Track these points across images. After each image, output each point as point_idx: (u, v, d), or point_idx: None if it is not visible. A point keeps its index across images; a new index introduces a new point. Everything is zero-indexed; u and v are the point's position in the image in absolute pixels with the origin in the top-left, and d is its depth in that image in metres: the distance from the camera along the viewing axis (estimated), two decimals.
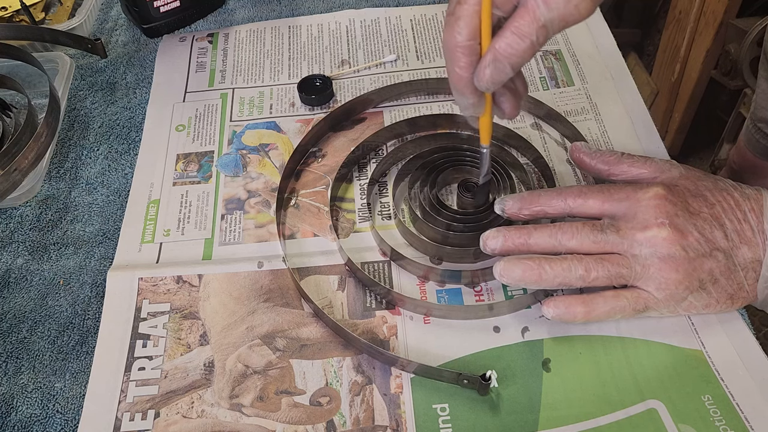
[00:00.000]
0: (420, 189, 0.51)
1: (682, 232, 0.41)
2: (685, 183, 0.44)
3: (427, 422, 0.41)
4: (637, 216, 0.42)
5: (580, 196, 0.44)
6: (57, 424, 0.43)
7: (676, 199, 0.43)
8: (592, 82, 0.62)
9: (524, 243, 0.44)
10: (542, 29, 0.36)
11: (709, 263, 0.41)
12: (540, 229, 0.44)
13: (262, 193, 0.55)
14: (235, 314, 0.47)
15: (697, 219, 0.42)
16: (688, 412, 0.40)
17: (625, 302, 0.42)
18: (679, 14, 1.32)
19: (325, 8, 0.73)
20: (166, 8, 0.69)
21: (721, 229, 0.42)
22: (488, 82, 0.39)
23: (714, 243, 0.42)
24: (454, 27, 0.38)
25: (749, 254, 0.42)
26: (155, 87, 0.65)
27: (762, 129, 0.76)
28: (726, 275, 0.42)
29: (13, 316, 0.49)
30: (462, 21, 0.38)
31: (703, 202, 0.43)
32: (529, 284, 0.43)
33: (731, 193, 0.43)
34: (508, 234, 0.44)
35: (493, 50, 0.37)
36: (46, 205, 0.56)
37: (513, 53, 0.37)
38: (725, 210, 0.43)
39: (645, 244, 0.41)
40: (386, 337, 0.45)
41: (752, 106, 0.77)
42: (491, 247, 0.45)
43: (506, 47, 0.37)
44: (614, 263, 0.42)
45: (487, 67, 0.38)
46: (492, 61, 0.38)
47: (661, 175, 0.45)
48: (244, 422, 0.42)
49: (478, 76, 0.39)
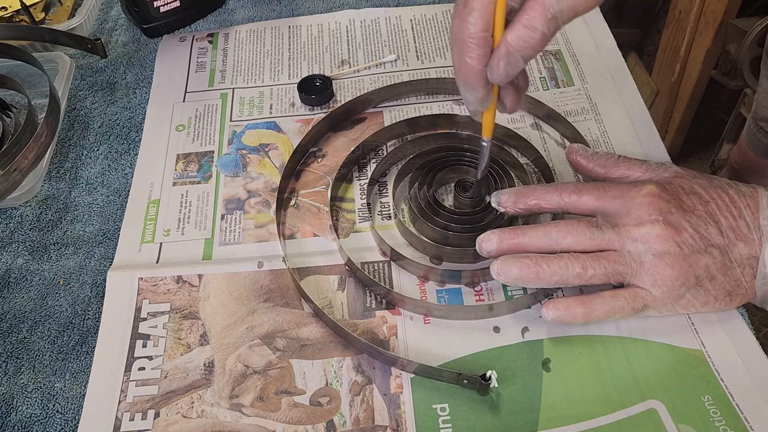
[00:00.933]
0: (418, 189, 0.51)
1: (675, 229, 0.42)
2: (679, 181, 0.44)
3: (427, 422, 0.41)
4: (630, 213, 0.43)
5: (575, 192, 0.45)
6: (57, 424, 0.43)
7: (670, 197, 0.43)
8: (592, 82, 0.62)
9: (519, 243, 0.44)
10: (552, 20, 0.36)
11: (704, 259, 0.42)
12: (534, 228, 0.44)
13: (262, 193, 0.55)
14: (235, 314, 0.47)
15: (691, 216, 0.42)
16: (688, 412, 0.40)
17: (624, 302, 0.42)
18: (679, 14, 1.32)
19: (325, 8, 0.73)
20: (166, 8, 0.69)
21: (716, 225, 0.42)
22: (502, 75, 0.39)
23: (709, 239, 0.42)
24: (467, 17, 0.38)
25: (746, 250, 0.42)
26: (155, 87, 0.65)
27: (764, 128, 0.76)
28: (723, 272, 0.42)
29: (13, 316, 0.49)
30: (476, 12, 0.37)
31: (698, 199, 0.43)
32: (527, 283, 0.43)
33: (726, 190, 0.43)
34: (502, 235, 0.44)
35: (506, 43, 0.37)
36: (46, 205, 0.56)
37: (525, 46, 0.37)
38: (720, 207, 0.43)
39: (639, 240, 0.42)
40: (386, 337, 0.45)
41: (754, 105, 0.77)
42: (487, 250, 0.45)
43: (518, 40, 0.37)
44: (611, 260, 0.42)
45: (501, 60, 0.38)
46: (506, 55, 0.38)
47: (656, 176, 0.46)
48: (244, 422, 0.42)
49: (491, 69, 0.39)
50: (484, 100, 0.42)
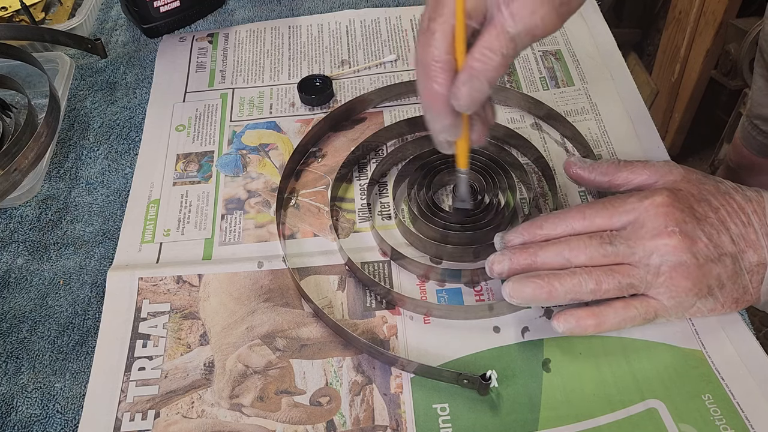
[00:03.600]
0: (418, 191, 0.51)
1: (691, 239, 0.41)
2: (688, 187, 0.44)
3: (427, 422, 0.41)
4: (645, 225, 0.42)
5: (585, 218, 0.43)
6: (57, 424, 0.43)
7: (683, 205, 0.42)
8: (592, 82, 0.62)
9: (531, 263, 0.42)
10: (511, 42, 0.37)
11: (717, 268, 0.41)
12: (546, 247, 0.43)
13: (262, 193, 0.55)
14: (235, 314, 0.47)
15: (704, 224, 0.42)
16: (688, 411, 0.40)
17: (636, 312, 0.42)
18: (679, 14, 1.32)
19: (325, 8, 0.73)
20: (166, 8, 0.69)
21: (728, 233, 0.42)
22: (466, 99, 0.38)
23: (722, 248, 0.41)
24: (430, 41, 0.38)
25: (754, 257, 0.42)
26: (155, 87, 0.65)
27: (758, 126, 0.76)
28: (732, 279, 0.42)
29: (13, 316, 0.49)
30: (439, 34, 0.38)
31: (708, 206, 0.43)
32: (540, 302, 0.42)
33: (733, 196, 0.43)
34: (513, 257, 0.43)
35: (468, 66, 0.37)
36: (46, 205, 0.56)
37: (487, 68, 0.37)
38: (729, 214, 0.42)
39: (655, 252, 0.41)
40: (386, 337, 0.45)
41: (748, 103, 0.77)
42: (498, 272, 0.43)
43: (479, 64, 0.37)
44: (624, 274, 0.41)
45: (464, 85, 0.38)
46: (469, 79, 0.38)
47: (661, 179, 0.45)
48: (244, 422, 0.42)
49: (455, 94, 0.38)
50: (453, 127, 0.41)
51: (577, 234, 0.43)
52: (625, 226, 0.42)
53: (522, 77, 0.63)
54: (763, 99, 0.75)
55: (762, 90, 0.75)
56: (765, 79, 0.75)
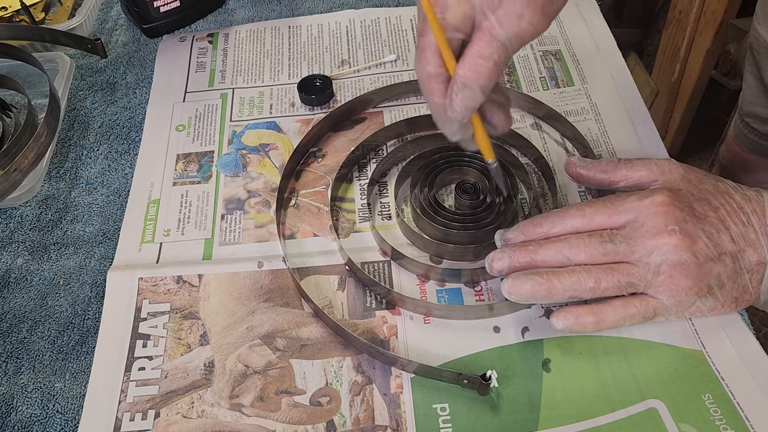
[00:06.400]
0: (420, 190, 0.51)
1: (691, 238, 0.41)
2: (687, 187, 0.44)
3: (427, 422, 0.41)
4: (646, 224, 0.42)
5: (585, 216, 0.43)
6: (57, 424, 0.43)
7: (683, 204, 0.42)
8: (592, 82, 0.62)
9: (531, 261, 0.43)
10: (502, 48, 0.37)
11: (717, 268, 0.41)
12: (546, 245, 0.43)
13: (262, 193, 0.55)
14: (235, 314, 0.47)
15: (704, 223, 0.42)
16: (688, 411, 0.40)
17: (635, 310, 0.42)
18: (679, 14, 1.32)
19: (325, 8, 0.73)
20: (166, 8, 0.69)
21: (728, 232, 0.42)
22: (461, 108, 0.39)
23: (721, 247, 0.41)
24: (422, 58, 0.39)
25: (754, 257, 0.42)
26: (155, 87, 0.65)
27: (750, 123, 0.76)
28: (732, 279, 0.42)
29: (13, 316, 0.49)
30: (428, 50, 0.39)
31: (708, 205, 0.43)
32: (539, 300, 0.42)
33: (732, 195, 0.43)
34: (513, 254, 0.43)
35: (458, 75, 0.38)
36: (46, 205, 0.56)
37: (478, 76, 0.38)
38: (729, 213, 0.42)
39: (655, 251, 0.41)
40: (386, 337, 0.45)
41: (740, 101, 0.77)
42: (498, 269, 0.43)
43: (470, 71, 0.38)
44: (624, 273, 0.41)
45: (457, 94, 0.38)
46: (461, 88, 0.38)
47: (661, 176, 0.45)
48: (244, 422, 0.42)
49: (449, 104, 0.39)
50: (464, 129, 0.42)
51: (577, 232, 0.43)
52: (625, 224, 0.43)
53: (522, 77, 0.63)
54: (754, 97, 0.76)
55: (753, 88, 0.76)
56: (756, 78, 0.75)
